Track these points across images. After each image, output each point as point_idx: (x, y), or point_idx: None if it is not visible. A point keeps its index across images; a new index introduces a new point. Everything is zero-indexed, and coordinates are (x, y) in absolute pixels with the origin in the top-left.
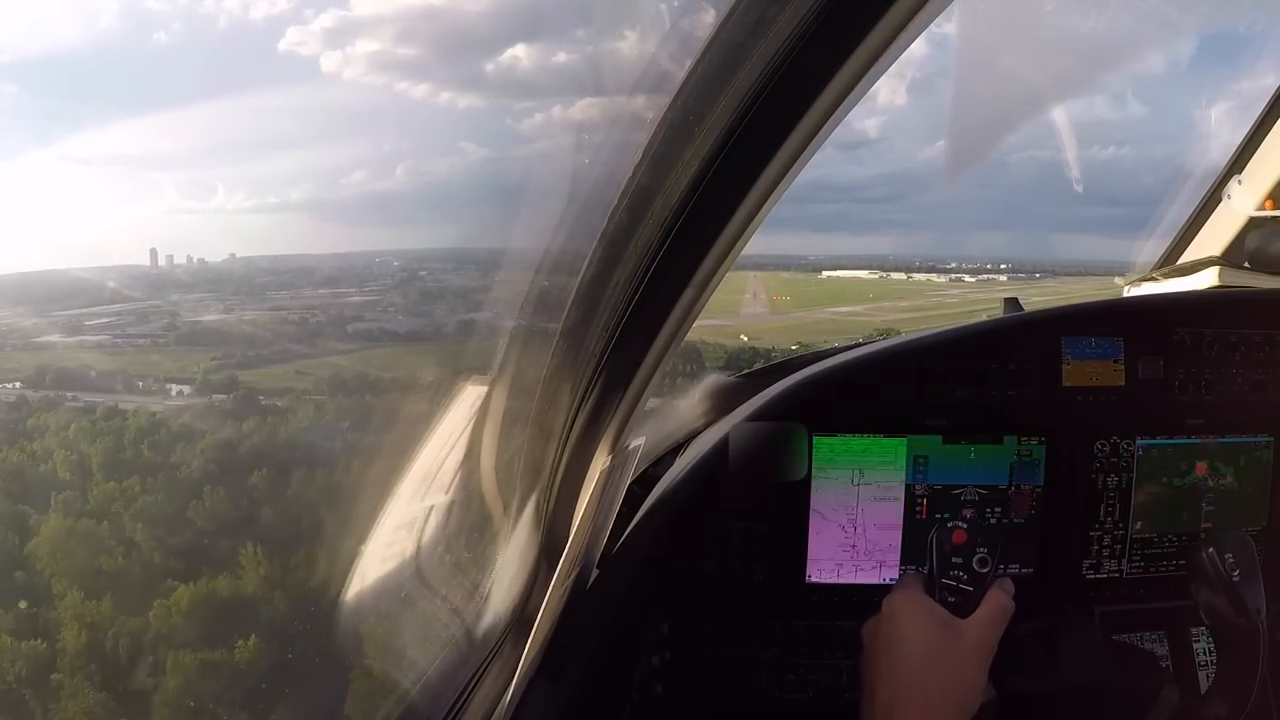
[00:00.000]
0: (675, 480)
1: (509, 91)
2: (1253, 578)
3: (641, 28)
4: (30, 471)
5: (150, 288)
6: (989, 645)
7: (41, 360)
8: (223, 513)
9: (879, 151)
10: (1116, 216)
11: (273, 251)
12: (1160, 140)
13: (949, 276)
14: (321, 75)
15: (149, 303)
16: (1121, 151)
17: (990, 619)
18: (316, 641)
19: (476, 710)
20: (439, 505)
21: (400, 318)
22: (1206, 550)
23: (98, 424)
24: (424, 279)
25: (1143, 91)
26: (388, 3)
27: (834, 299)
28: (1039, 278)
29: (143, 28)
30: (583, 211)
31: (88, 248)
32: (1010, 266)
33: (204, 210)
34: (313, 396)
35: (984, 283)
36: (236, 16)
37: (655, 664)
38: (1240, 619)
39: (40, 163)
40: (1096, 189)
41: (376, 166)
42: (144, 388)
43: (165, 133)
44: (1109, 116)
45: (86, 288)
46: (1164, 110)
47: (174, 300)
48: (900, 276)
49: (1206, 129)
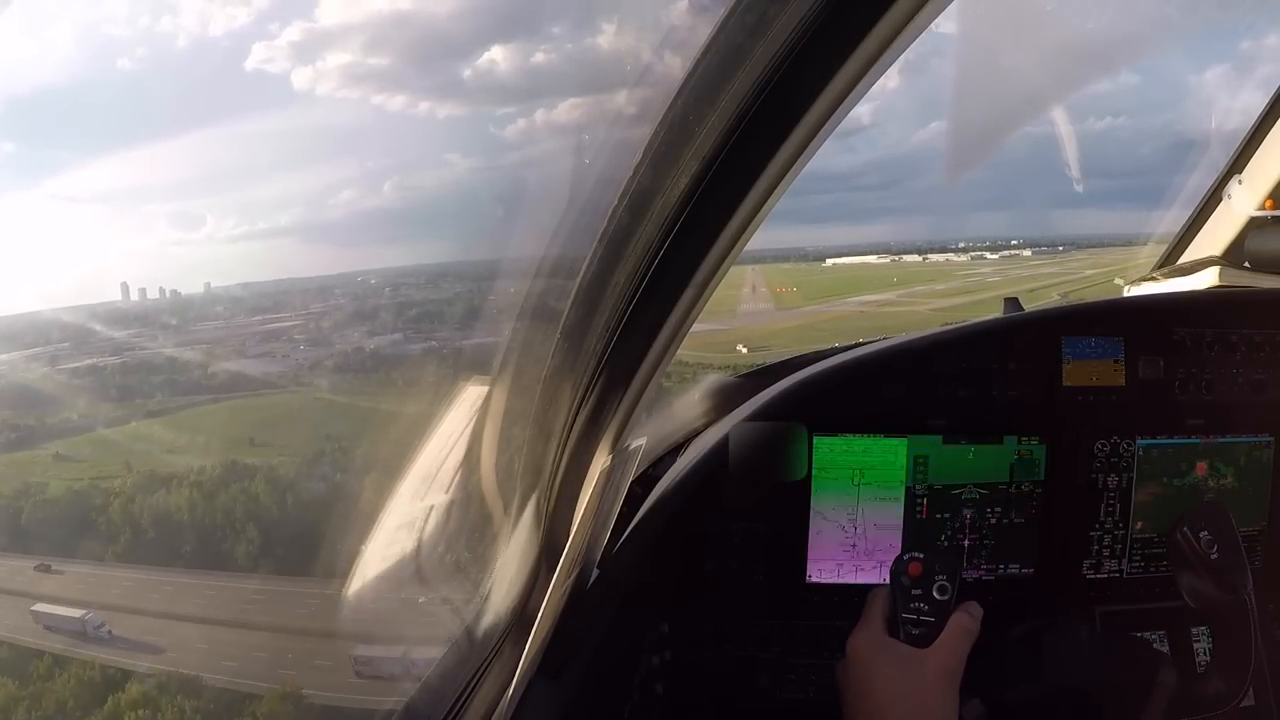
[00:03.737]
0: (675, 480)
1: (509, 92)
2: (1232, 551)
3: (642, 27)
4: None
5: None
6: (951, 668)
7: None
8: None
9: (871, 138)
10: (1114, 189)
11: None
12: (1156, 112)
13: (969, 255)
14: (294, 93)
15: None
16: (1117, 121)
17: (952, 643)
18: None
19: (477, 710)
20: (439, 505)
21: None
22: (1180, 530)
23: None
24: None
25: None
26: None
27: (851, 288)
28: (1062, 250)
29: (106, 54)
30: (583, 212)
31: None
32: (1021, 242)
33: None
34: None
35: (1009, 259)
36: (196, 35)
37: (655, 664)
38: (1226, 595)
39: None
40: (1094, 162)
41: (366, 184)
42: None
43: (134, 166)
44: (1106, 89)
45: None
46: (1165, 110)
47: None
48: (914, 259)
49: (1206, 128)
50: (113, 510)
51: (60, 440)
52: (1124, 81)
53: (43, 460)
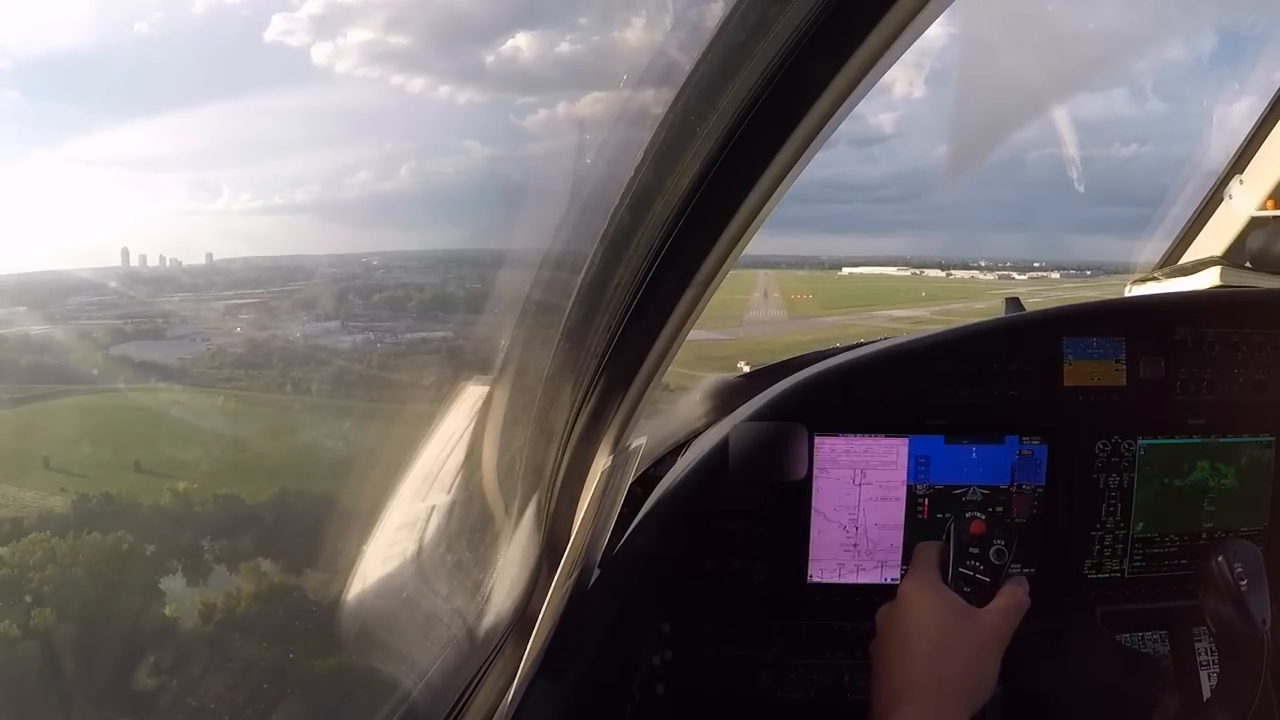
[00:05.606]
0: (676, 480)
1: (507, 87)
2: (1259, 588)
3: (643, 27)
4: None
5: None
6: (1004, 635)
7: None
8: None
9: (893, 149)
10: (1131, 216)
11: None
12: (1169, 139)
13: (995, 274)
14: (313, 68)
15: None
16: (1143, 149)
17: (1007, 610)
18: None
19: (478, 710)
20: (440, 505)
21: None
22: (1216, 559)
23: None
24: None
25: (1146, 89)
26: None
27: (874, 298)
28: (1091, 275)
29: (126, 18)
30: (584, 212)
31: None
32: (1044, 264)
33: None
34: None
35: (1040, 281)
36: (214, 2)
37: (656, 664)
38: (1246, 629)
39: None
40: (1114, 189)
41: (384, 166)
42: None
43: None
44: (1129, 114)
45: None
46: (1168, 108)
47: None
48: (937, 274)
49: (1208, 128)
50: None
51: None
52: (1151, 109)
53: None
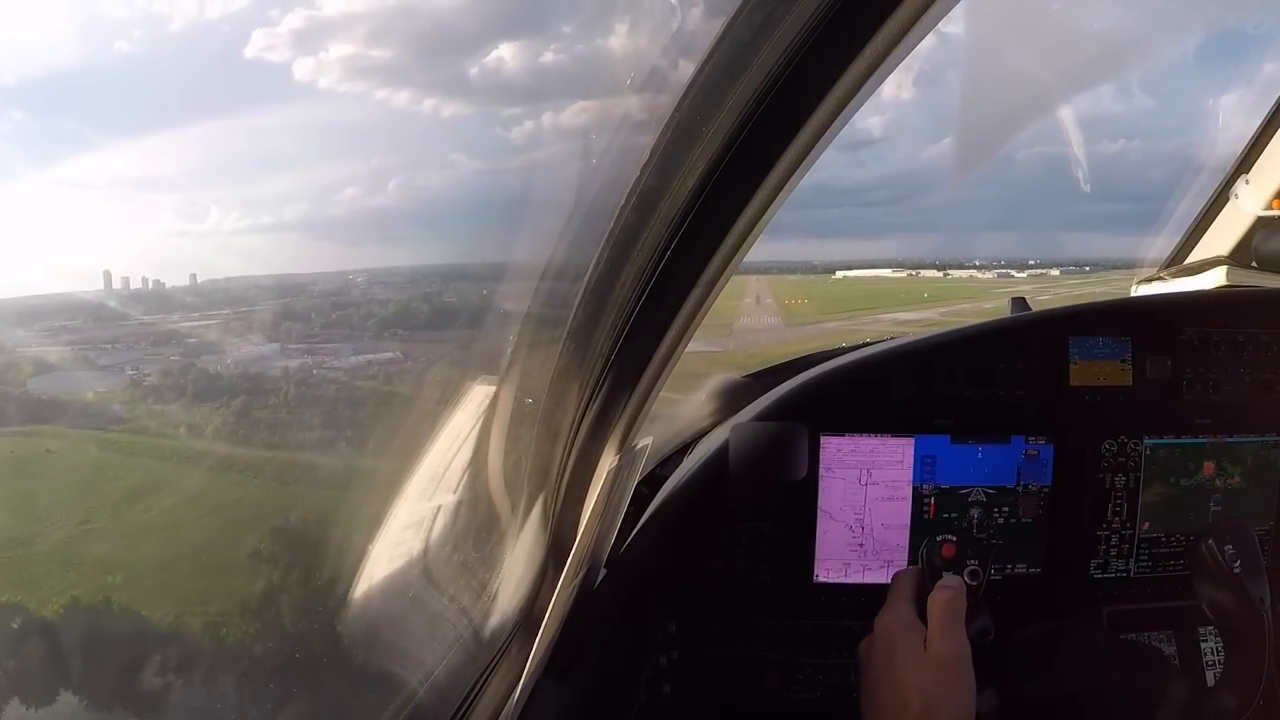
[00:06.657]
0: (682, 480)
1: (517, 92)
2: (1254, 567)
3: (648, 28)
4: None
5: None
6: (956, 652)
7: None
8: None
9: (881, 152)
10: (1124, 212)
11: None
12: (1168, 135)
13: (994, 273)
14: (295, 84)
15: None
16: (1131, 144)
17: (945, 621)
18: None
19: (484, 709)
20: (447, 505)
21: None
22: (1205, 542)
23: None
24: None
25: (1150, 87)
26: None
27: (873, 302)
28: (1089, 271)
29: (104, 35)
30: (590, 213)
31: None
32: (1038, 261)
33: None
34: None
35: (1041, 278)
36: (192, 18)
37: (662, 663)
38: (1244, 610)
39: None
40: (1103, 185)
41: (371, 182)
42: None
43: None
44: (1117, 110)
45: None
46: (1169, 109)
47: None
48: (934, 274)
49: (1214, 127)
50: None
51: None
52: (1137, 105)
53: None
